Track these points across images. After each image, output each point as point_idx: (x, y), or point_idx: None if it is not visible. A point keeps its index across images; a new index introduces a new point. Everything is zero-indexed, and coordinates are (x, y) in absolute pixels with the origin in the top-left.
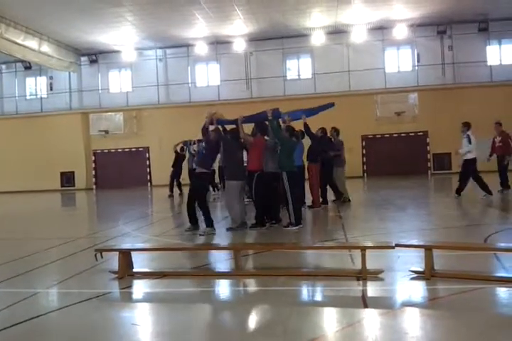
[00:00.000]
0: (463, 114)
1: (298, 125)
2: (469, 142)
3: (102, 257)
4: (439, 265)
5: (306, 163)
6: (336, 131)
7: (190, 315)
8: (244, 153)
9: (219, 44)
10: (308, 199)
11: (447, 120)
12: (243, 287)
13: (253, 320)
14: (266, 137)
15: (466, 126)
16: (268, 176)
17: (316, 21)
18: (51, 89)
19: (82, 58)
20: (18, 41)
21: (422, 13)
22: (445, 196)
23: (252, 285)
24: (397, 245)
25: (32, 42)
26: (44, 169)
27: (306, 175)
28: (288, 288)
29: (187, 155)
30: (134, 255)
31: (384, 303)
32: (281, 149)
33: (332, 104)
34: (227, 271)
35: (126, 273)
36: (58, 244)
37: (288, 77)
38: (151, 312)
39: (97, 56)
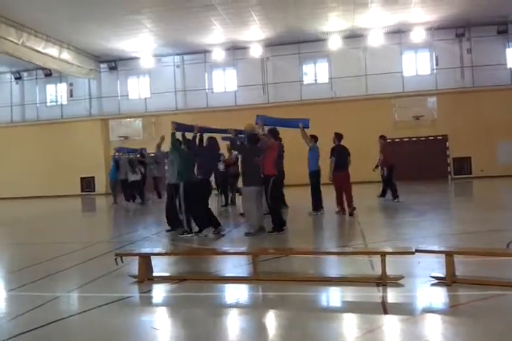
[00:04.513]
0: (483, 118)
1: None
2: None
3: (122, 261)
4: (460, 271)
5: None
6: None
7: (209, 319)
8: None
9: (236, 50)
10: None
11: (467, 124)
12: (261, 292)
13: (271, 326)
14: None
15: None
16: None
17: (332, 25)
18: (71, 95)
19: (102, 65)
20: (39, 49)
21: (440, 16)
22: (466, 201)
23: (270, 291)
24: (417, 250)
25: (52, 50)
26: (65, 174)
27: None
28: (307, 293)
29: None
30: (154, 259)
31: (404, 309)
32: (180, 161)
33: (307, 121)
34: (245, 275)
35: (146, 277)
36: (79, 248)
37: (305, 82)
38: (170, 316)
39: (116, 63)
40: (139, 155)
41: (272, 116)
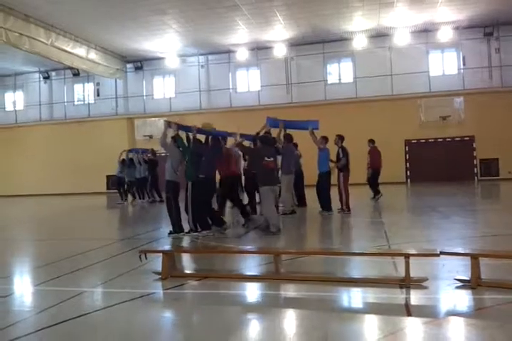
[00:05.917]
0: (511, 118)
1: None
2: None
3: (146, 258)
4: (485, 274)
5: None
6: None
7: (231, 317)
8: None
9: (259, 50)
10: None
11: (495, 124)
12: (283, 291)
13: (292, 325)
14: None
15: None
16: None
17: (357, 25)
18: (98, 95)
19: (128, 65)
20: (67, 49)
21: (468, 15)
22: (492, 203)
23: (291, 290)
24: (442, 253)
25: (80, 50)
26: (91, 172)
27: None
28: (328, 293)
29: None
30: (176, 257)
31: (428, 312)
32: (189, 160)
33: (316, 123)
34: (267, 274)
35: (169, 274)
36: (104, 244)
37: (329, 82)
38: (193, 313)
39: (141, 63)
40: (149, 155)
41: (284, 119)
